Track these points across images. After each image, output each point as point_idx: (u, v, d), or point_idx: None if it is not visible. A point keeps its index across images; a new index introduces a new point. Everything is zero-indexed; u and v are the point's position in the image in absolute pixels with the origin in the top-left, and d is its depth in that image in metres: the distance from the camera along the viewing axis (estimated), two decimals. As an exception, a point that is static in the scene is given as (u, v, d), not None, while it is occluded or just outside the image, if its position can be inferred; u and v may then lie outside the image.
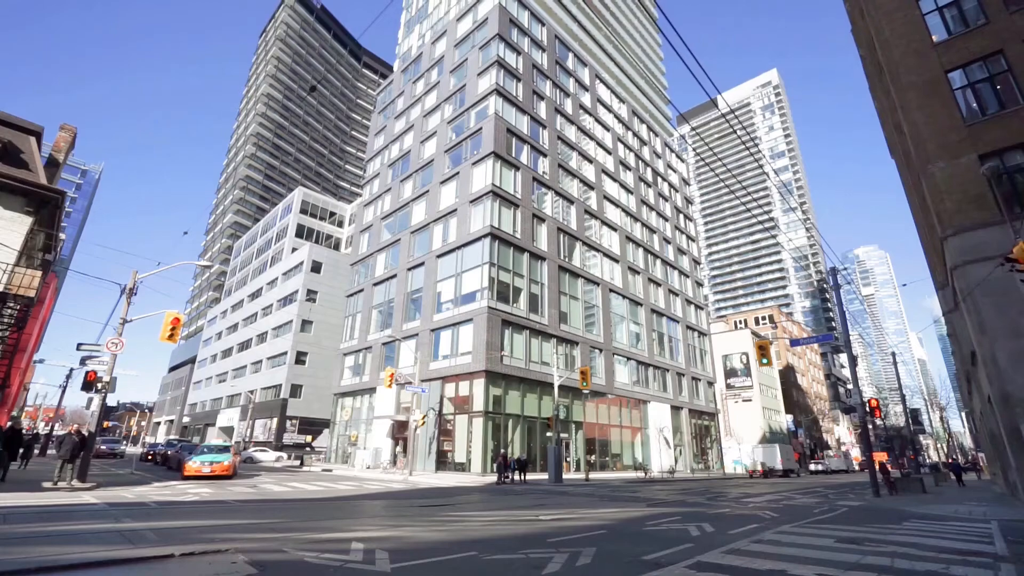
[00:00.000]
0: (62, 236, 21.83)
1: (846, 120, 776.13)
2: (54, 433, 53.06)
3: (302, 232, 68.52)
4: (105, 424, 61.51)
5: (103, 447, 38.57)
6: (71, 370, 40.56)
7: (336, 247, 71.26)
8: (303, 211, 69.59)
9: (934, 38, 17.53)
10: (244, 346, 64.88)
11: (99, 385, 17.47)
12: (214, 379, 71.59)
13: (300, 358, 53.81)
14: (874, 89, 27.27)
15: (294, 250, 64.51)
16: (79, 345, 19.75)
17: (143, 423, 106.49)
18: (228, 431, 60.92)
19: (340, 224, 74.13)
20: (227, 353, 69.73)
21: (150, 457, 36.09)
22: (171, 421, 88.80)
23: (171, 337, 17.60)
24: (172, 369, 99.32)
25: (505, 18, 41.42)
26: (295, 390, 52.71)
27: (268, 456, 40.00)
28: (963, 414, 73.77)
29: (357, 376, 40.85)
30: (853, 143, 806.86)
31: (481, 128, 37.01)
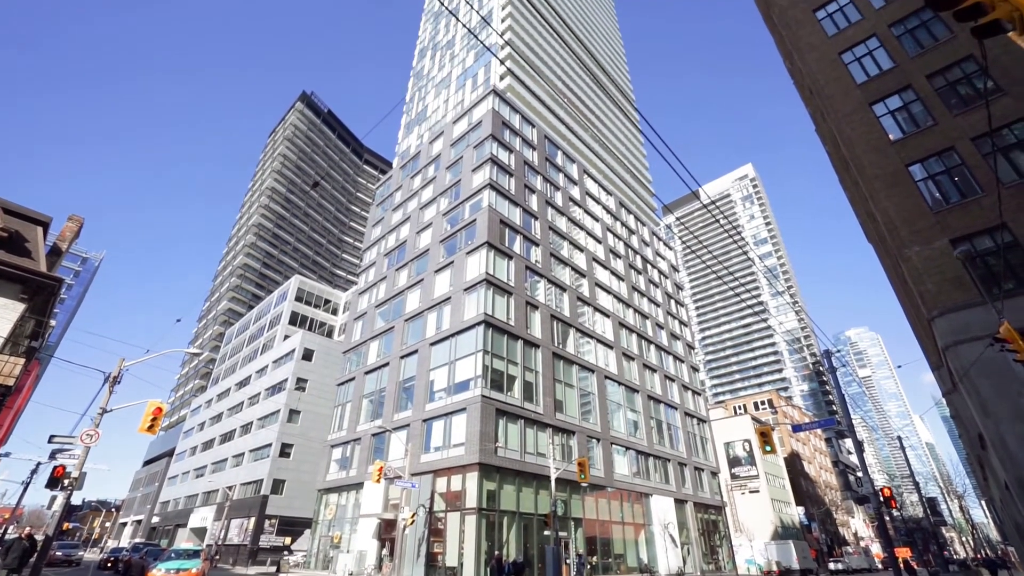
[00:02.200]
0: (52, 323, 21.66)
1: (821, 208, 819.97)
2: (5, 537, 48.69)
3: (296, 320, 68.47)
4: (65, 526, 56.70)
5: (58, 553, 35.17)
6: (38, 464, 38.10)
7: (329, 335, 70.92)
8: (298, 299, 70.06)
9: (891, 137, 19.07)
10: (227, 437, 61.94)
11: (66, 482, 16.40)
12: (191, 473, 67.46)
13: (285, 450, 51.24)
14: (843, 180, 29.12)
15: (286, 337, 63.99)
16: (51, 437, 18.74)
17: (108, 524, 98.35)
18: (200, 533, 56.28)
19: (334, 312, 74.38)
20: (208, 445, 66.39)
21: (109, 564, 32.80)
22: (139, 522, 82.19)
23: (151, 428, 16.87)
24: (147, 463, 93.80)
25: (498, 120, 44.92)
26: (277, 485, 49.59)
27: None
28: (983, 502, 70.02)
29: (344, 470, 38.70)
30: (830, 230, 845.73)
31: (475, 219, 38.56)
